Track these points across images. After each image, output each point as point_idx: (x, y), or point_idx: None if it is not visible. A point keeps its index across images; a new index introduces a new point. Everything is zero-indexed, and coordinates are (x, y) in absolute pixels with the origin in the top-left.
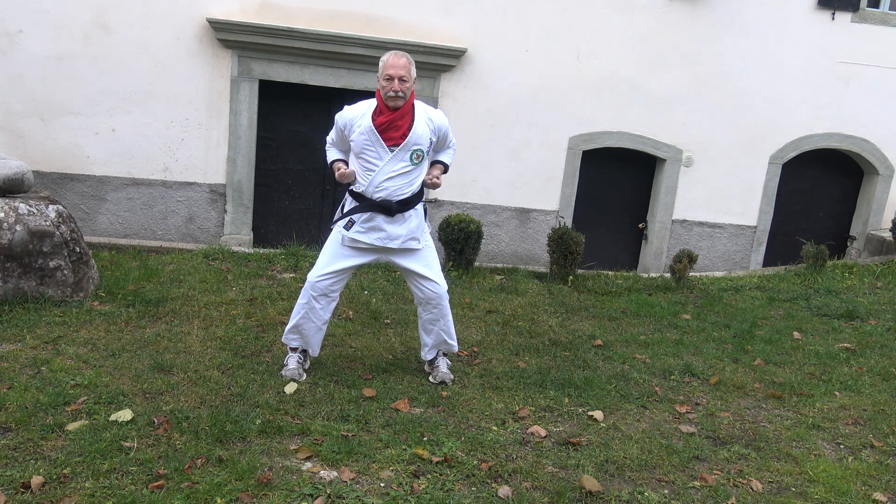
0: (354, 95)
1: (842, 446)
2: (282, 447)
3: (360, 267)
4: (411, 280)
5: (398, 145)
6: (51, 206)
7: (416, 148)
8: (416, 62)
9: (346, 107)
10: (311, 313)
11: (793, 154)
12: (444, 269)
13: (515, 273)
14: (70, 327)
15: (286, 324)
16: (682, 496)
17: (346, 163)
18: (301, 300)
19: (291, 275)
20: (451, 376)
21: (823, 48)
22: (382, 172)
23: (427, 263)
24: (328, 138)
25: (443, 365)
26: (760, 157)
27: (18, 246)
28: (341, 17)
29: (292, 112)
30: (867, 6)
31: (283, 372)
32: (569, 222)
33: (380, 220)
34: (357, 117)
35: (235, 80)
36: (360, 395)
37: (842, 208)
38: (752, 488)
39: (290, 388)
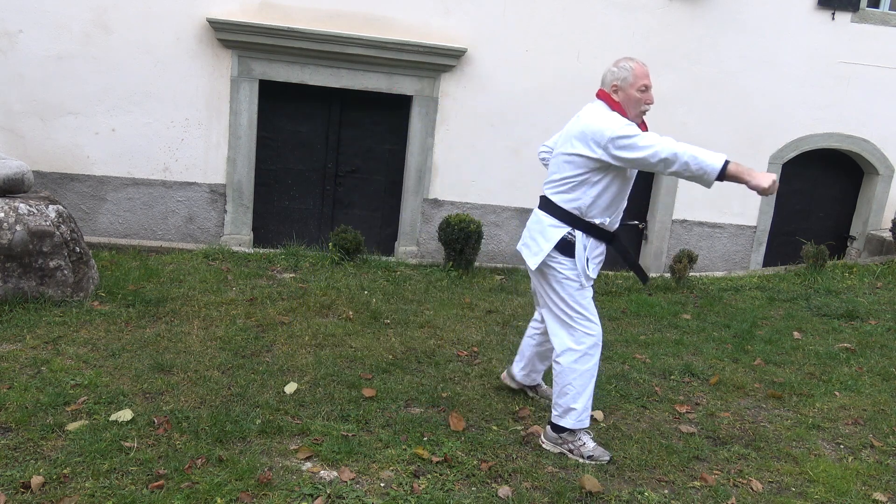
0: (355, 95)
1: (842, 446)
2: (282, 447)
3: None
4: None
5: None
6: (51, 206)
7: None
8: (415, 62)
9: (605, 117)
10: (596, 368)
11: (793, 154)
12: (444, 268)
13: (515, 273)
14: (70, 327)
15: (286, 323)
16: (682, 496)
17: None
18: (592, 362)
19: (291, 275)
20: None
21: (823, 48)
22: (626, 198)
23: None
24: (659, 138)
25: (543, 383)
26: (760, 157)
27: (18, 246)
28: (341, 17)
29: (292, 112)
30: (867, 6)
31: (592, 460)
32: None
33: (605, 249)
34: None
35: (235, 80)
36: (360, 395)
37: (842, 208)
38: (752, 488)
39: (290, 387)
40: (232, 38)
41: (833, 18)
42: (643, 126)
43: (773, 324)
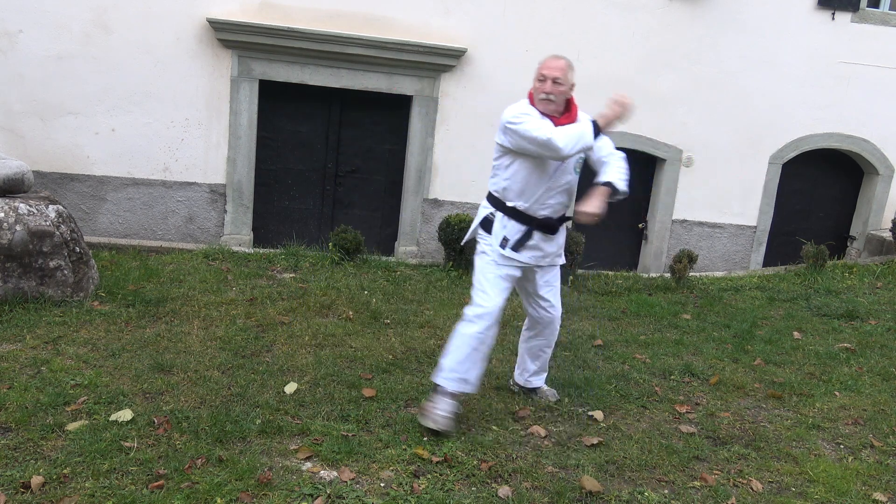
0: (355, 95)
1: (842, 446)
2: (282, 447)
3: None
4: (534, 300)
5: None
6: (51, 206)
7: (579, 158)
8: (415, 62)
9: (514, 106)
10: (482, 344)
11: (793, 154)
12: (444, 268)
13: None
14: (70, 327)
15: (286, 323)
16: (682, 496)
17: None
18: (470, 331)
19: (291, 275)
20: (554, 391)
21: (823, 48)
22: (552, 188)
23: (554, 285)
24: (544, 125)
25: (543, 386)
26: (760, 157)
27: (18, 246)
28: (341, 17)
29: (292, 112)
30: (867, 6)
31: (429, 419)
32: (568, 222)
33: (538, 238)
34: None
35: (235, 80)
36: (360, 395)
37: (842, 208)
38: (752, 488)
39: (290, 387)
40: (232, 38)
41: (833, 18)
42: (567, 116)
43: (773, 324)
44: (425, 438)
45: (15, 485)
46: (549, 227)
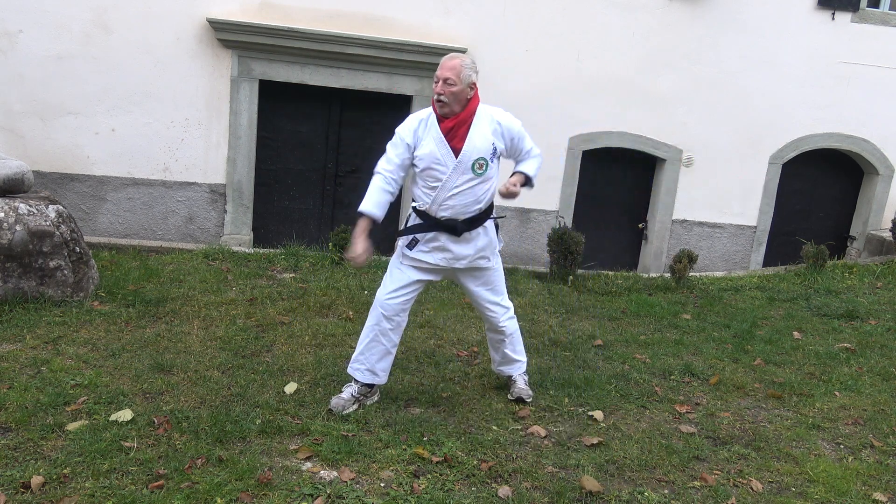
0: (355, 95)
1: (842, 446)
2: (282, 447)
3: (428, 283)
4: (475, 301)
5: (457, 157)
6: (51, 206)
7: (476, 157)
8: (415, 62)
9: (411, 115)
10: (381, 336)
11: (793, 154)
12: None
13: (515, 273)
14: (70, 327)
15: (286, 323)
16: (682, 496)
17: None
18: (369, 322)
19: (291, 275)
20: (530, 392)
21: (823, 48)
22: (446, 188)
23: (492, 287)
24: (381, 165)
25: (520, 381)
26: (760, 157)
27: (18, 246)
28: (341, 17)
29: (292, 112)
30: (867, 6)
31: (331, 404)
32: (569, 222)
33: (444, 239)
34: (421, 127)
35: (235, 80)
36: None
37: (842, 208)
38: (752, 488)
39: (290, 387)
40: (232, 38)
41: (833, 18)
42: (455, 118)
43: (773, 324)
44: (425, 438)
45: (15, 485)
46: (452, 228)
